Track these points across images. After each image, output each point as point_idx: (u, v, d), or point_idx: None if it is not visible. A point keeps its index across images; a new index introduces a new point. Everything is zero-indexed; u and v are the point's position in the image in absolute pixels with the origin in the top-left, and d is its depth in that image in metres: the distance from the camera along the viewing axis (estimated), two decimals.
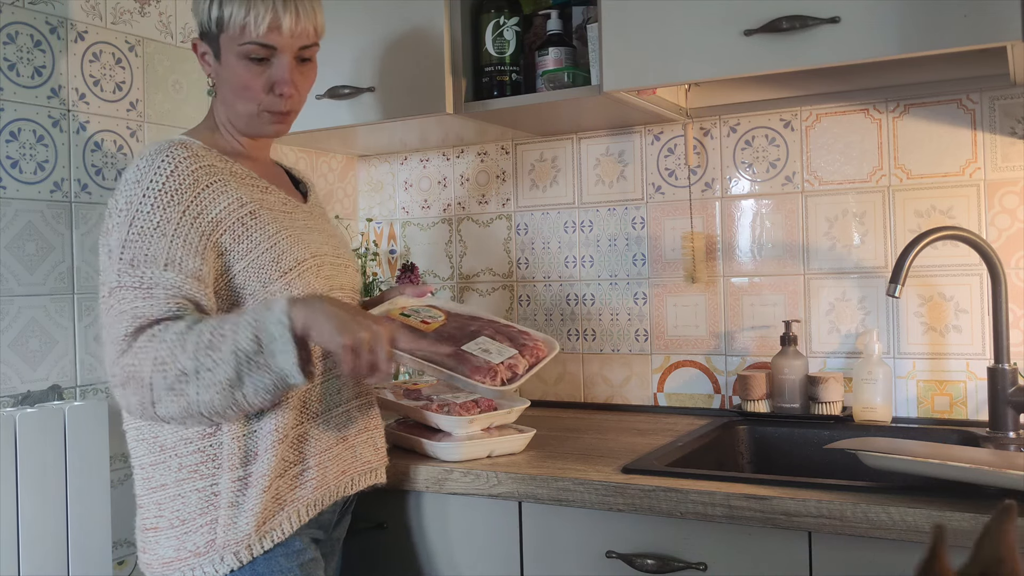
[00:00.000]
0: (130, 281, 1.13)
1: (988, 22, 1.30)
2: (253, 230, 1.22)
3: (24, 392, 1.54)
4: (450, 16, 1.77)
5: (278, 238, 1.24)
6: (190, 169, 1.19)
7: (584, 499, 1.33)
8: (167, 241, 1.15)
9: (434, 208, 2.27)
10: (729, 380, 1.92)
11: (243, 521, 1.19)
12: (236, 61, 1.26)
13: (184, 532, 1.19)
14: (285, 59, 1.27)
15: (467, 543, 1.47)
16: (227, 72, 1.28)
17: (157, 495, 1.21)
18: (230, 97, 1.29)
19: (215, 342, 1.09)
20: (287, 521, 1.22)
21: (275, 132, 1.33)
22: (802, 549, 1.21)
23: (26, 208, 1.56)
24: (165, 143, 1.22)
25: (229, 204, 1.21)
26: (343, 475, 1.32)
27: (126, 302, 1.13)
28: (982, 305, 1.70)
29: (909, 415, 1.75)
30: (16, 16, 1.56)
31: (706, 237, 1.94)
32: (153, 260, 1.14)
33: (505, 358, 1.34)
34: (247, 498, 1.19)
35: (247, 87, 1.27)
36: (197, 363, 1.09)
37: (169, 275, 1.14)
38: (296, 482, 1.25)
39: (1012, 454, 1.42)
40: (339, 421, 1.32)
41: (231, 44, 1.26)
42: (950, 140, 1.72)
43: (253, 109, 1.29)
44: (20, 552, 1.42)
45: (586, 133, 2.08)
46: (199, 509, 1.19)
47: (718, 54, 1.50)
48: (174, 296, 1.13)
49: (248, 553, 1.19)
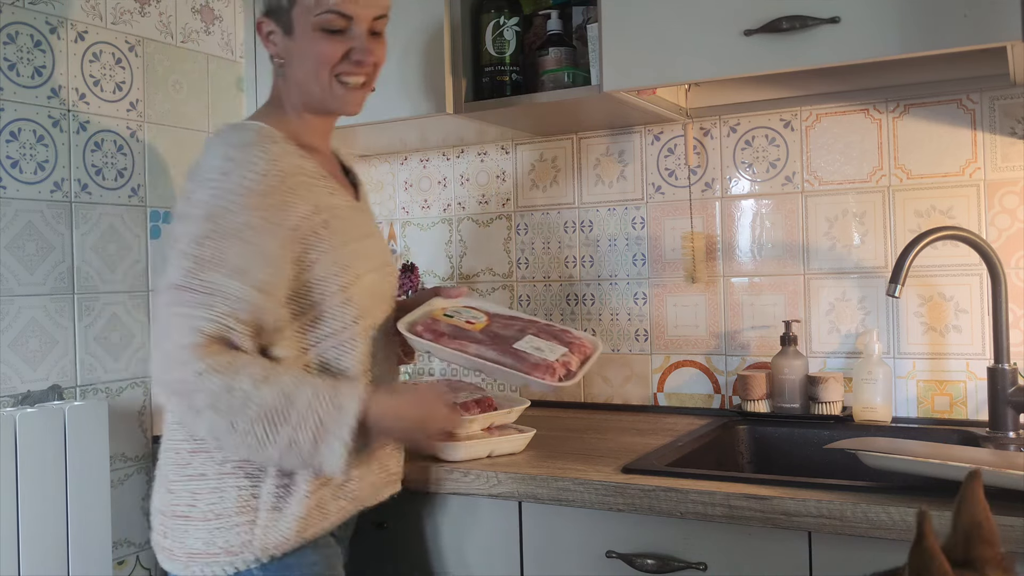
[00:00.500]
0: (195, 283, 1.10)
1: (988, 22, 1.30)
2: (324, 240, 1.21)
3: (24, 392, 1.54)
4: (450, 16, 1.77)
5: (343, 251, 1.23)
6: (280, 169, 1.17)
7: (584, 499, 1.33)
8: (243, 247, 1.13)
9: (434, 208, 2.27)
10: (729, 380, 1.92)
11: (284, 525, 1.18)
12: (312, 33, 1.24)
13: (218, 527, 1.17)
14: (361, 28, 1.26)
15: (467, 543, 1.47)
16: (301, 46, 1.25)
17: (195, 484, 1.19)
18: (302, 74, 1.27)
19: (276, 420, 1.09)
20: (323, 532, 1.23)
21: (349, 107, 1.30)
22: (802, 549, 1.21)
23: (26, 208, 1.56)
24: (254, 134, 1.19)
25: (307, 212, 1.20)
26: (373, 486, 1.33)
27: (185, 306, 1.10)
28: (982, 305, 1.70)
29: (909, 415, 1.75)
30: (16, 16, 1.56)
31: (706, 237, 1.94)
32: (223, 264, 1.11)
33: (558, 356, 1.34)
34: (289, 504, 1.18)
35: (326, 58, 1.24)
36: (251, 429, 1.08)
37: (235, 284, 1.11)
38: (339, 492, 1.24)
39: (1012, 454, 1.42)
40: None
41: (306, 16, 1.23)
42: (950, 140, 1.72)
43: (327, 80, 1.26)
44: (20, 552, 1.42)
45: (586, 133, 2.08)
46: (236, 507, 1.18)
47: (718, 54, 1.50)
48: (234, 312, 1.11)
49: (280, 552, 1.18)
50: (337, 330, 1.23)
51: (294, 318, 1.20)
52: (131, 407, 1.74)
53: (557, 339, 1.39)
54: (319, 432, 1.09)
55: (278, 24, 1.27)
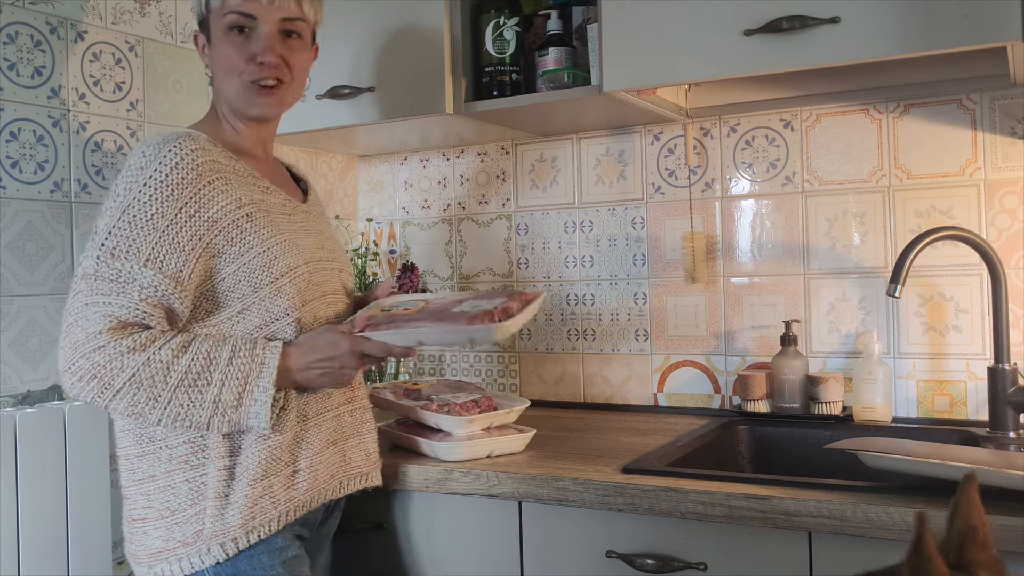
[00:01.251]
0: (107, 272, 1.13)
1: (988, 22, 1.30)
2: (248, 233, 1.22)
3: (24, 392, 1.54)
4: (450, 16, 1.77)
5: (272, 243, 1.24)
6: (195, 163, 1.19)
7: (584, 499, 1.33)
8: (156, 236, 1.15)
9: (434, 208, 2.27)
10: (729, 380, 1.92)
11: (230, 513, 1.20)
12: (222, 38, 1.28)
13: (174, 523, 1.20)
14: (265, 28, 1.27)
15: (467, 543, 1.47)
16: (216, 52, 1.29)
17: (145, 486, 1.22)
18: (220, 77, 1.30)
19: (199, 384, 1.14)
20: (276, 520, 1.23)
21: (263, 109, 1.31)
22: (802, 549, 1.21)
23: (26, 208, 1.56)
24: (172, 134, 1.21)
25: (227, 204, 1.21)
26: (332, 479, 1.32)
27: (98, 294, 1.13)
28: (982, 305, 1.70)
29: (909, 415, 1.75)
30: (16, 16, 1.56)
31: (706, 237, 1.94)
32: (135, 253, 1.14)
33: (497, 304, 1.29)
34: (233, 490, 1.20)
35: (230, 59, 1.27)
36: (173, 396, 1.13)
37: (147, 273, 1.14)
38: (289, 482, 1.25)
39: (1012, 454, 1.42)
40: (330, 425, 1.32)
41: (217, 21, 1.28)
42: (950, 140, 1.72)
43: (237, 83, 1.28)
44: (20, 552, 1.42)
45: (586, 133, 2.08)
46: (189, 499, 1.20)
47: (718, 54, 1.50)
48: (147, 298, 1.14)
49: (234, 546, 1.20)
50: (267, 321, 1.24)
51: (220, 309, 1.22)
52: None
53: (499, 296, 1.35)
54: (243, 388, 1.16)
55: (204, 35, 1.32)
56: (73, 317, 1.13)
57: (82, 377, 1.12)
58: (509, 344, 2.17)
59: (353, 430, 1.37)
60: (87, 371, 1.11)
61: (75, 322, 1.13)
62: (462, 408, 1.52)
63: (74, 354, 1.12)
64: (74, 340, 1.12)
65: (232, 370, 1.15)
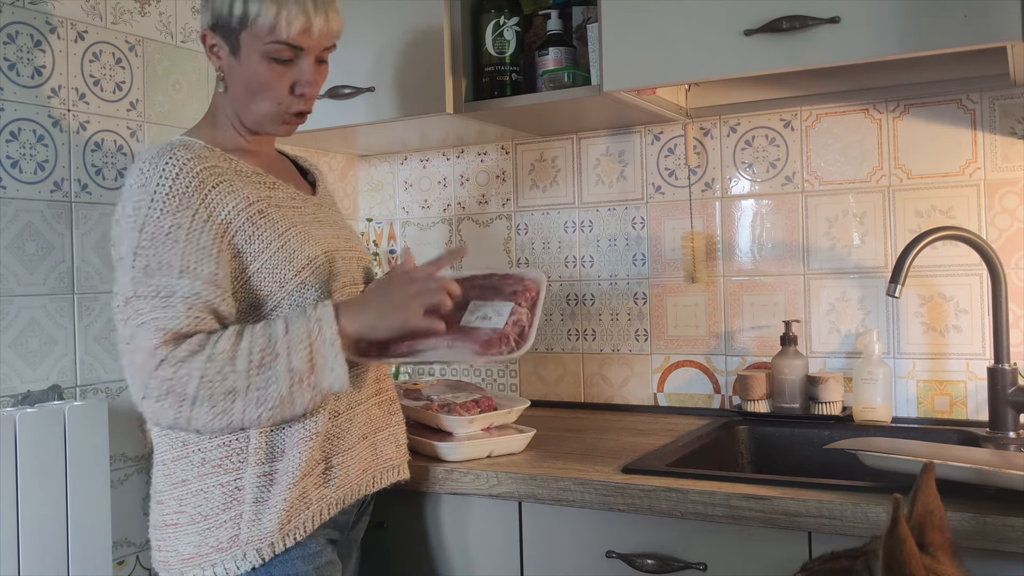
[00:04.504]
0: (146, 291, 1.12)
1: (988, 22, 1.30)
2: (263, 229, 1.20)
3: (24, 392, 1.54)
4: (450, 16, 1.77)
5: (288, 236, 1.22)
6: (195, 171, 1.17)
7: (584, 499, 1.33)
8: (180, 247, 1.13)
9: (434, 208, 2.27)
10: (729, 380, 1.92)
11: (267, 518, 1.18)
12: (259, 60, 1.23)
13: (207, 528, 1.18)
14: (309, 60, 1.25)
15: (467, 543, 1.47)
16: (246, 70, 1.24)
17: (179, 491, 1.19)
18: (245, 95, 1.26)
19: (267, 360, 1.12)
20: (311, 520, 1.21)
21: (286, 132, 1.31)
22: (802, 549, 1.21)
23: (26, 208, 1.56)
24: (166, 146, 1.19)
25: (237, 204, 1.19)
26: (364, 473, 1.31)
27: (145, 313, 1.11)
28: (982, 305, 1.70)
29: (909, 415, 1.75)
30: (16, 16, 1.55)
31: (706, 237, 1.94)
32: (168, 267, 1.12)
33: (507, 317, 1.26)
34: (272, 494, 1.18)
35: (269, 87, 1.24)
36: (249, 382, 1.11)
37: (185, 282, 1.12)
38: (321, 480, 1.23)
39: (1012, 454, 1.42)
40: (360, 419, 1.30)
41: (255, 42, 1.22)
42: (950, 140, 1.72)
43: (272, 109, 1.26)
44: (20, 552, 1.42)
45: (586, 133, 2.08)
46: (223, 504, 1.18)
47: (718, 54, 1.50)
48: (192, 305, 1.12)
49: (270, 550, 1.18)
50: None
51: (254, 310, 1.21)
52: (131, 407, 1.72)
53: (499, 292, 1.32)
54: (309, 349, 1.14)
55: (225, 41, 1.25)
56: (129, 344, 1.12)
57: (158, 398, 1.10)
58: None
59: (383, 422, 1.36)
60: (158, 389, 1.10)
61: (132, 347, 1.11)
62: (462, 408, 1.52)
63: (142, 378, 1.10)
64: (137, 365, 1.11)
65: (292, 337, 1.13)
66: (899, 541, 0.77)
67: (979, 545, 1.09)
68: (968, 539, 1.10)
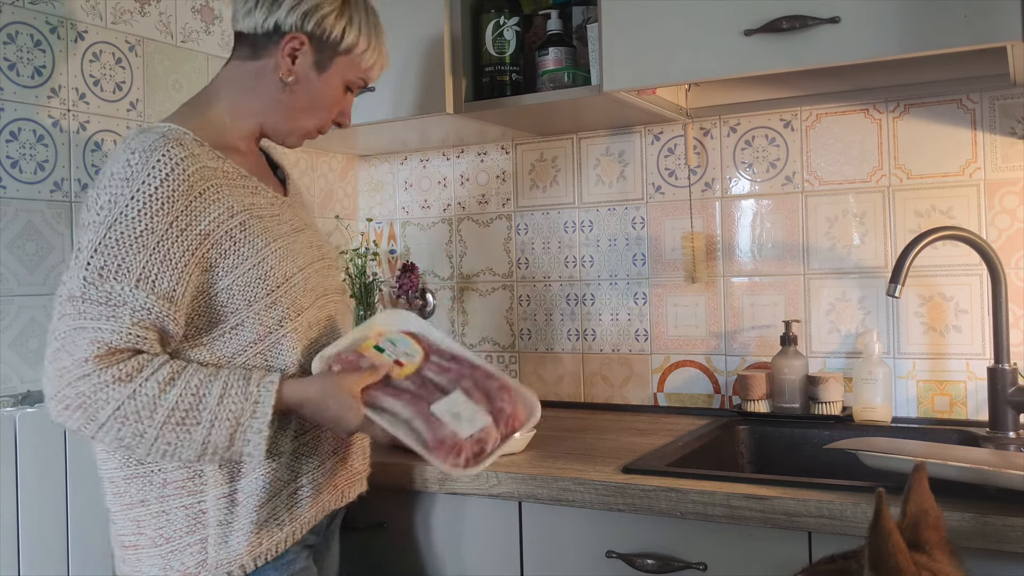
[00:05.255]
0: (95, 295, 1.06)
1: (988, 22, 1.30)
2: (241, 244, 1.16)
3: (24, 392, 1.54)
4: (450, 16, 1.77)
5: (266, 252, 1.18)
6: (185, 173, 1.11)
7: (584, 499, 1.33)
8: (146, 254, 1.08)
9: (434, 208, 2.27)
10: (729, 380, 1.92)
11: (235, 540, 1.15)
12: (339, 85, 1.29)
13: (170, 551, 1.14)
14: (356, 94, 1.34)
15: (467, 543, 1.47)
16: (323, 88, 1.28)
17: (136, 511, 1.15)
18: (304, 108, 1.28)
19: (188, 422, 1.07)
20: (283, 542, 1.19)
21: (297, 146, 1.35)
22: (802, 549, 1.21)
23: (26, 208, 1.56)
24: (158, 137, 1.13)
25: (219, 215, 1.14)
26: (335, 489, 1.29)
27: (88, 319, 1.05)
28: (982, 305, 1.70)
29: (909, 415, 1.75)
30: (16, 16, 1.55)
31: (706, 237, 1.94)
32: (125, 274, 1.07)
33: (475, 431, 1.17)
34: (237, 516, 1.15)
35: (329, 109, 1.30)
36: (160, 434, 1.07)
37: (139, 295, 1.07)
38: (291, 501, 1.20)
39: (1012, 454, 1.42)
40: (329, 435, 1.26)
41: (347, 69, 1.28)
42: (950, 140, 1.72)
43: (313, 126, 1.31)
44: (20, 552, 1.42)
45: (586, 133, 2.08)
46: (186, 527, 1.14)
47: (718, 54, 1.50)
48: (139, 322, 1.07)
49: (241, 572, 1.16)
50: (262, 336, 1.17)
51: (213, 326, 1.16)
52: None
53: (488, 400, 1.21)
54: (234, 429, 1.09)
55: (316, 54, 1.25)
56: (60, 342, 1.06)
57: (68, 406, 1.05)
58: (509, 344, 2.17)
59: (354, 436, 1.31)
60: (72, 400, 1.05)
61: (62, 347, 1.06)
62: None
63: (59, 382, 1.05)
64: (60, 367, 1.05)
65: (223, 410, 1.08)
66: (883, 535, 0.77)
67: (979, 545, 1.09)
68: (968, 539, 1.10)
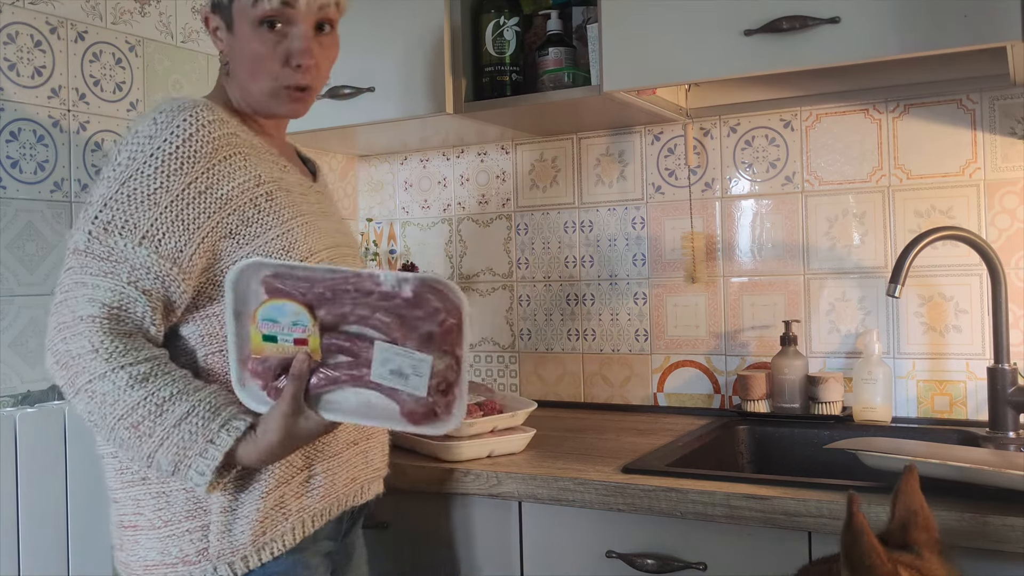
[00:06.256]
0: (98, 249, 1.04)
1: (988, 22, 1.30)
2: (266, 213, 1.11)
3: (24, 392, 1.54)
4: (450, 16, 1.77)
5: (292, 224, 1.13)
6: (211, 136, 1.08)
7: (584, 499, 1.33)
8: (156, 212, 1.04)
9: (434, 208, 2.27)
10: (729, 380, 1.92)
11: (239, 529, 1.09)
12: (249, 31, 1.14)
13: (168, 535, 1.09)
14: (303, 28, 1.15)
15: (467, 543, 1.47)
16: (241, 44, 1.16)
17: (135, 490, 1.11)
18: (244, 74, 1.17)
19: (141, 431, 1.02)
20: (290, 533, 1.12)
21: (293, 111, 1.21)
22: (802, 549, 1.21)
23: (26, 208, 1.56)
24: (189, 101, 1.09)
25: (245, 181, 1.10)
26: (353, 482, 1.21)
27: (88, 273, 1.03)
28: (982, 305, 1.70)
29: (909, 415, 1.75)
30: (16, 16, 1.55)
31: (706, 237, 1.94)
32: (131, 230, 1.04)
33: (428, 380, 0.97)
34: (242, 503, 1.09)
35: (261, 59, 1.15)
36: (114, 428, 1.02)
37: (142, 252, 1.03)
38: (302, 489, 1.14)
39: (1012, 454, 1.42)
40: (351, 424, 1.15)
41: (244, 11, 1.14)
42: (950, 140, 1.72)
43: (269, 86, 1.16)
44: (20, 552, 1.42)
45: (586, 133, 2.08)
46: (186, 511, 1.09)
47: (718, 54, 1.50)
48: (136, 281, 1.03)
49: (244, 565, 1.09)
50: None
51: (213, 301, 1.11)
52: None
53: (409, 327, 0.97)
54: (179, 460, 1.02)
55: (222, 19, 1.17)
56: (63, 295, 1.04)
57: (57, 362, 1.03)
58: (509, 344, 2.17)
59: (375, 428, 1.25)
60: (61, 357, 1.03)
61: (63, 300, 1.04)
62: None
63: (56, 335, 1.03)
64: (59, 320, 1.04)
65: (176, 435, 1.02)
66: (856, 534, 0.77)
67: (979, 545, 1.09)
68: (968, 539, 1.10)
